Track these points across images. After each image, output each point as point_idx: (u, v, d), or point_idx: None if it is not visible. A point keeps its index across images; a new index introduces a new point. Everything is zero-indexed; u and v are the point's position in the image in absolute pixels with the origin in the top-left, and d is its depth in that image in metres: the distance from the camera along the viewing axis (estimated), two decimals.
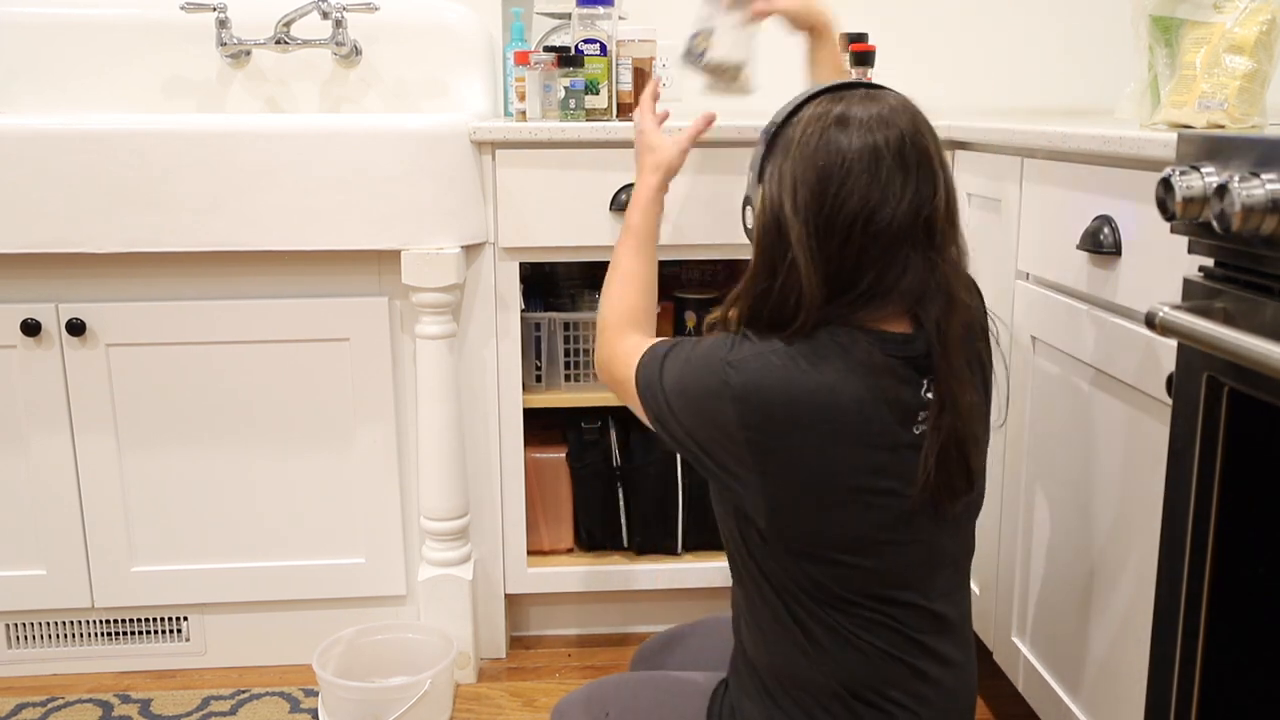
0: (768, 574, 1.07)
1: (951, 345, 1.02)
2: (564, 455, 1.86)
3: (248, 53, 1.99)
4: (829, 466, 0.99)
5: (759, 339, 1.03)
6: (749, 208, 1.08)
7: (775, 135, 1.04)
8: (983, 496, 1.13)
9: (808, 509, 1.01)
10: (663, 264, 2.11)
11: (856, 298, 1.00)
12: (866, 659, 1.06)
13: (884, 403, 1.00)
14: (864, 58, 1.75)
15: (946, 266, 1.02)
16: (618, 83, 1.74)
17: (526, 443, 1.79)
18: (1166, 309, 0.90)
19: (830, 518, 1.01)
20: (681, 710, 1.19)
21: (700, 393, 1.03)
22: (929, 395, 1.02)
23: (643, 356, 1.11)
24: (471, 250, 1.69)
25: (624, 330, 1.21)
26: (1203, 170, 0.89)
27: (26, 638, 1.76)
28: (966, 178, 1.64)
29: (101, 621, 1.77)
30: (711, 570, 1.85)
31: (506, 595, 1.84)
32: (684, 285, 2.06)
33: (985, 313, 1.14)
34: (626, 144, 1.65)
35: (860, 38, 1.79)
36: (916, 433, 1.02)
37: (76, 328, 1.63)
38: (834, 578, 1.04)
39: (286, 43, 1.95)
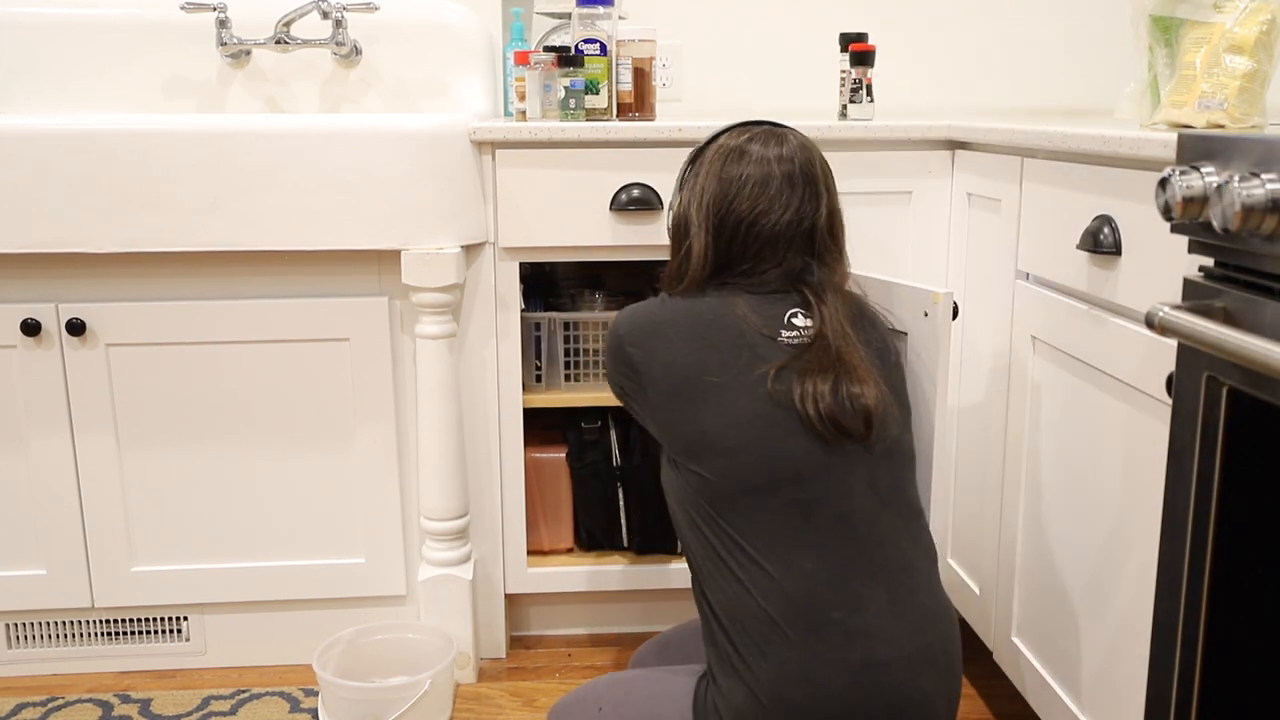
0: (691, 509, 1.19)
1: (831, 310, 1.22)
2: (564, 455, 1.86)
3: (248, 53, 1.99)
4: (693, 360, 1.21)
5: None
6: (670, 211, 1.35)
7: (696, 156, 1.32)
8: (909, 455, 1.25)
9: (682, 405, 1.20)
10: (661, 264, 2.11)
11: (737, 275, 1.26)
12: (789, 579, 1.12)
13: (744, 315, 1.22)
14: (863, 58, 1.75)
15: (825, 269, 1.26)
16: (618, 83, 1.74)
17: (526, 443, 1.79)
18: (1166, 309, 0.90)
19: (702, 411, 1.19)
20: (673, 699, 1.21)
21: (607, 348, 1.32)
22: (797, 321, 1.22)
23: None
24: (471, 250, 1.69)
25: None
26: (1203, 170, 0.89)
27: (26, 638, 1.76)
28: (966, 177, 1.64)
29: (101, 621, 1.77)
30: None
31: (506, 595, 1.84)
32: None
33: (893, 343, 1.32)
34: (626, 144, 1.65)
35: (860, 38, 1.79)
36: (783, 342, 1.21)
37: (76, 328, 1.63)
38: (731, 471, 1.15)
39: (286, 43, 1.95)
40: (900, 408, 1.25)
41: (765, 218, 1.24)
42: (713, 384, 1.19)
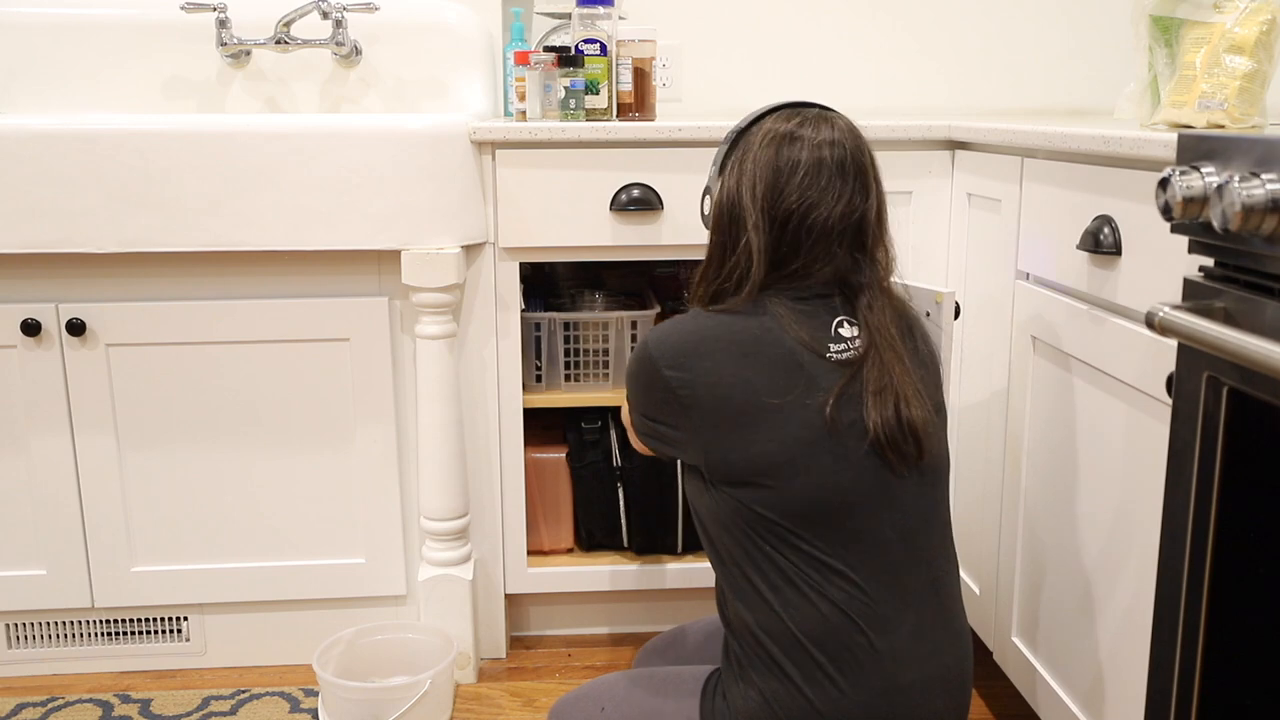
0: (726, 529, 1.16)
1: (880, 318, 1.17)
2: (564, 455, 1.86)
3: (248, 53, 1.99)
4: (741, 381, 1.14)
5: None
6: (708, 196, 1.26)
7: (738, 138, 1.22)
8: (946, 466, 1.22)
9: (731, 430, 1.14)
10: (661, 264, 2.12)
11: (785, 276, 1.18)
12: (824, 603, 1.11)
13: (790, 327, 1.15)
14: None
15: (874, 266, 1.20)
16: (618, 83, 1.74)
17: (526, 443, 1.79)
18: (1166, 309, 0.90)
19: (753, 436, 1.13)
20: (676, 700, 1.21)
21: (636, 373, 1.22)
22: (843, 331, 1.17)
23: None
24: (471, 250, 1.69)
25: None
26: (1203, 170, 0.89)
27: (26, 638, 1.76)
28: (966, 178, 1.64)
29: (101, 621, 1.77)
30: (711, 570, 1.85)
31: (506, 595, 1.84)
32: (682, 285, 2.06)
33: (934, 348, 1.27)
34: (626, 144, 1.65)
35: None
36: (830, 358, 1.15)
37: (76, 328, 1.63)
38: (773, 503, 1.12)
39: (286, 43, 1.95)
40: (941, 419, 1.22)
41: (816, 210, 1.16)
42: (764, 408, 1.13)
